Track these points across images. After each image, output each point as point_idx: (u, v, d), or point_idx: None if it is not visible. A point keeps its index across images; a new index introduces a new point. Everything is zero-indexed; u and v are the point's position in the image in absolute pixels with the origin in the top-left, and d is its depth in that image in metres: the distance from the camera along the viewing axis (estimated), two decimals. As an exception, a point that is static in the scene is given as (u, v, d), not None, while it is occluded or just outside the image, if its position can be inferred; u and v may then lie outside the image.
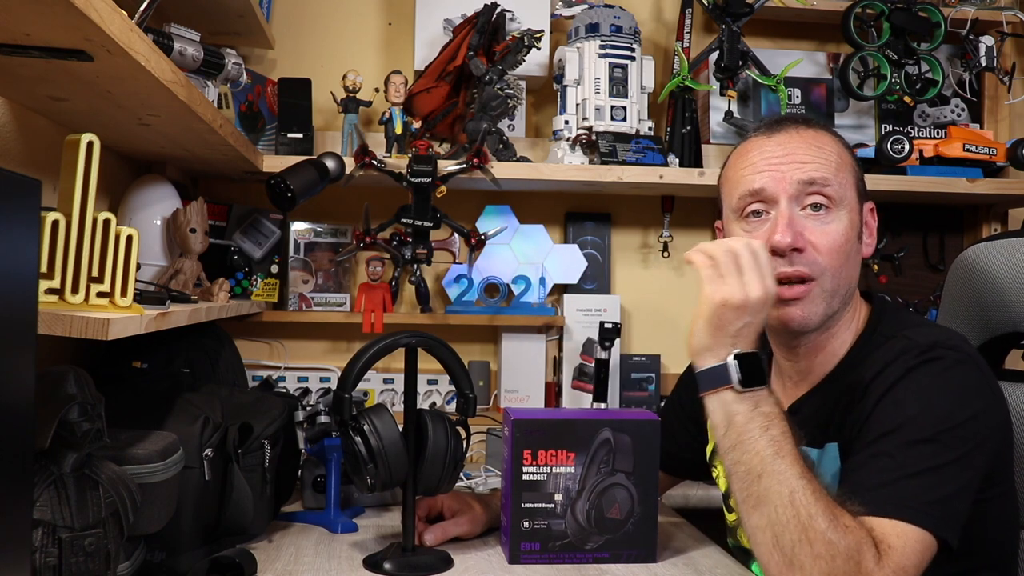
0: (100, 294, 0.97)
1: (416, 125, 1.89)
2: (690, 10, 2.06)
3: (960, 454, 1.00)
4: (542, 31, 1.87)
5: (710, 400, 1.05)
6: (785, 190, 1.13)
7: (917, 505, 0.96)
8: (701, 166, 1.98)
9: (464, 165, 1.80)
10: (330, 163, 1.72)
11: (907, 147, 1.94)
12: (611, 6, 1.95)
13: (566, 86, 1.93)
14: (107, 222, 0.98)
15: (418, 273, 1.84)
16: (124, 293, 1.00)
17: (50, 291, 0.92)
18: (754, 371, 1.03)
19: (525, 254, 2.05)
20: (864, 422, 1.06)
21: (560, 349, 2.06)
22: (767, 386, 1.04)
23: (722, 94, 2.02)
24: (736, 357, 1.03)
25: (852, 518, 0.96)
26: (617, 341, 1.95)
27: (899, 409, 1.03)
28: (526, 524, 1.25)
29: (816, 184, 1.13)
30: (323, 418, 1.56)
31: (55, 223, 0.93)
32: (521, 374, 2.03)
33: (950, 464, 0.99)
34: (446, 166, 1.80)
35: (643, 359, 2.08)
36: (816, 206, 1.13)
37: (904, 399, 1.04)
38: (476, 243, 1.86)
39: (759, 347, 1.06)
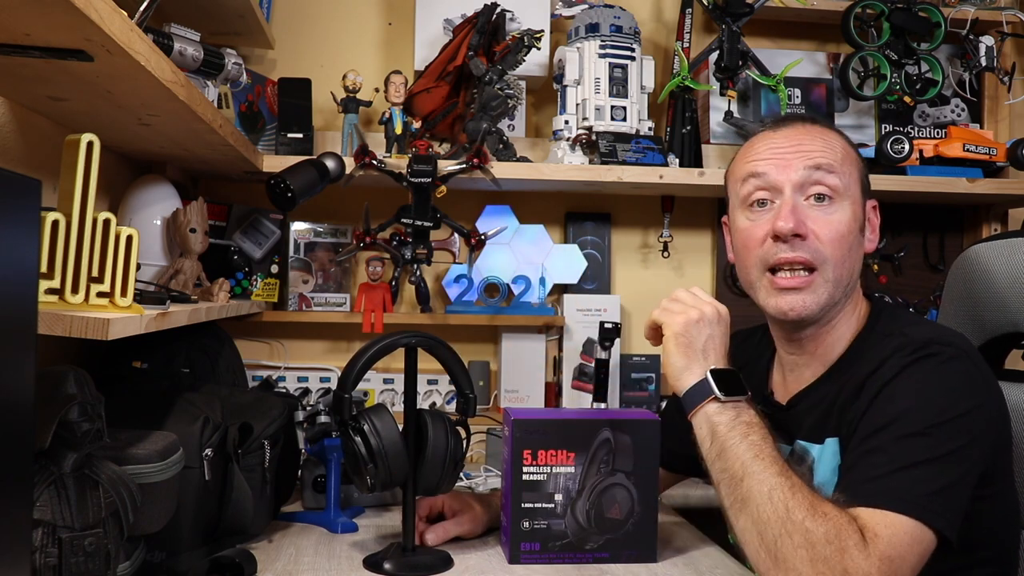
0: (100, 294, 0.97)
1: (416, 125, 1.89)
2: (690, 10, 2.06)
3: (954, 448, 1.00)
4: (542, 31, 1.87)
5: (696, 418, 1.11)
6: (790, 178, 1.15)
7: (909, 497, 0.96)
8: (701, 166, 1.98)
9: (464, 165, 1.80)
10: (330, 163, 1.72)
11: (907, 147, 1.94)
12: (611, 6, 1.95)
13: (566, 86, 1.93)
14: (107, 222, 0.98)
15: (418, 273, 1.84)
16: (124, 293, 1.00)
17: (50, 291, 0.92)
18: (732, 382, 1.11)
19: (525, 254, 2.05)
20: (860, 418, 1.07)
21: (560, 349, 2.06)
22: (747, 397, 1.10)
23: (722, 94, 2.02)
24: (712, 372, 1.11)
25: (833, 507, 0.97)
26: (617, 341, 1.94)
27: (893, 404, 1.04)
28: (526, 524, 1.25)
29: (822, 170, 1.14)
30: (323, 418, 1.56)
31: (55, 223, 0.92)
32: (521, 374, 2.03)
33: (943, 457, 0.99)
34: (446, 166, 1.80)
35: (643, 359, 2.08)
36: (820, 196, 1.14)
37: (898, 394, 1.04)
38: (476, 243, 1.86)
39: (731, 364, 1.14)
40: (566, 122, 1.93)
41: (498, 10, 1.85)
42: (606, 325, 1.70)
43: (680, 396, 1.13)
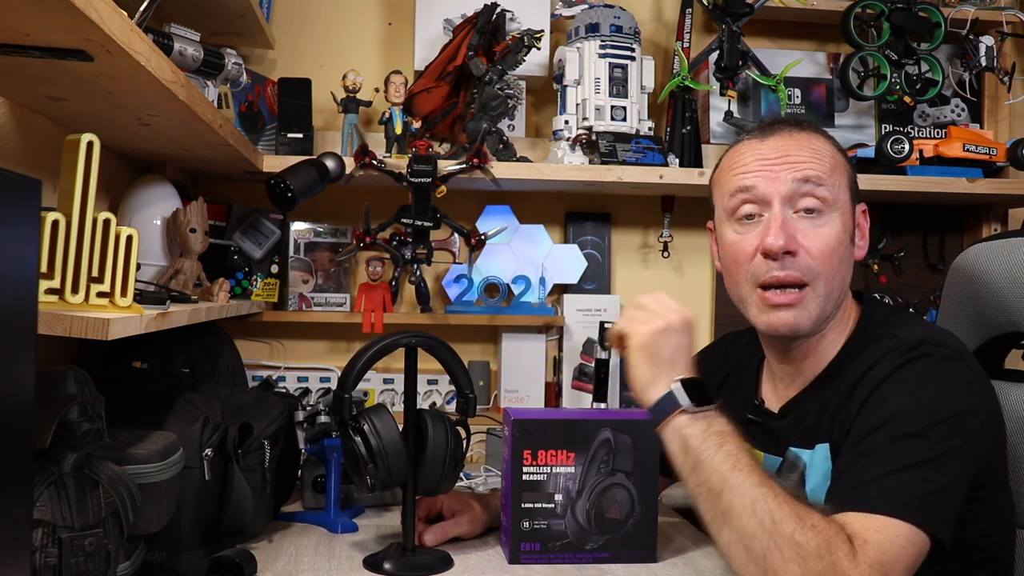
0: (100, 294, 0.98)
1: (416, 125, 1.89)
2: (690, 10, 2.06)
3: (948, 449, 0.98)
4: (542, 31, 1.87)
5: (666, 431, 1.07)
6: (778, 191, 1.12)
7: (902, 499, 0.95)
8: (701, 166, 1.98)
9: (464, 165, 1.80)
10: (330, 163, 1.72)
11: (907, 147, 1.94)
12: (611, 6, 1.95)
13: (566, 86, 1.93)
14: (107, 222, 0.98)
15: (418, 273, 1.84)
16: (124, 293, 1.00)
17: (50, 291, 0.92)
18: (700, 392, 1.07)
19: (525, 254, 2.05)
20: (852, 421, 1.05)
21: (560, 349, 2.06)
22: (717, 405, 1.07)
23: (722, 94, 2.02)
24: (680, 381, 1.07)
25: (821, 517, 0.94)
26: (617, 341, 1.94)
27: (886, 406, 1.02)
28: (526, 524, 1.25)
29: (811, 183, 1.12)
30: (323, 418, 1.56)
31: (55, 223, 0.93)
32: (521, 374, 2.03)
33: (937, 459, 0.98)
34: (446, 166, 1.80)
35: (643, 359, 2.07)
36: (809, 209, 1.12)
37: (891, 396, 1.03)
38: (476, 243, 1.86)
39: (698, 372, 1.10)
40: (566, 122, 1.93)
41: (498, 10, 1.85)
42: (606, 325, 1.70)
43: (647, 409, 1.10)
